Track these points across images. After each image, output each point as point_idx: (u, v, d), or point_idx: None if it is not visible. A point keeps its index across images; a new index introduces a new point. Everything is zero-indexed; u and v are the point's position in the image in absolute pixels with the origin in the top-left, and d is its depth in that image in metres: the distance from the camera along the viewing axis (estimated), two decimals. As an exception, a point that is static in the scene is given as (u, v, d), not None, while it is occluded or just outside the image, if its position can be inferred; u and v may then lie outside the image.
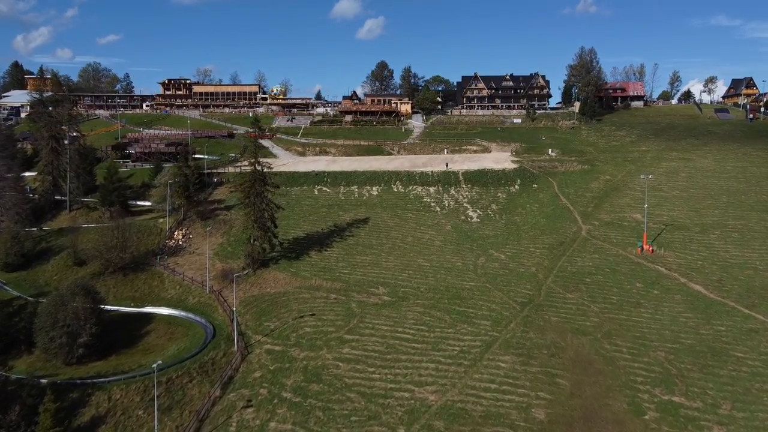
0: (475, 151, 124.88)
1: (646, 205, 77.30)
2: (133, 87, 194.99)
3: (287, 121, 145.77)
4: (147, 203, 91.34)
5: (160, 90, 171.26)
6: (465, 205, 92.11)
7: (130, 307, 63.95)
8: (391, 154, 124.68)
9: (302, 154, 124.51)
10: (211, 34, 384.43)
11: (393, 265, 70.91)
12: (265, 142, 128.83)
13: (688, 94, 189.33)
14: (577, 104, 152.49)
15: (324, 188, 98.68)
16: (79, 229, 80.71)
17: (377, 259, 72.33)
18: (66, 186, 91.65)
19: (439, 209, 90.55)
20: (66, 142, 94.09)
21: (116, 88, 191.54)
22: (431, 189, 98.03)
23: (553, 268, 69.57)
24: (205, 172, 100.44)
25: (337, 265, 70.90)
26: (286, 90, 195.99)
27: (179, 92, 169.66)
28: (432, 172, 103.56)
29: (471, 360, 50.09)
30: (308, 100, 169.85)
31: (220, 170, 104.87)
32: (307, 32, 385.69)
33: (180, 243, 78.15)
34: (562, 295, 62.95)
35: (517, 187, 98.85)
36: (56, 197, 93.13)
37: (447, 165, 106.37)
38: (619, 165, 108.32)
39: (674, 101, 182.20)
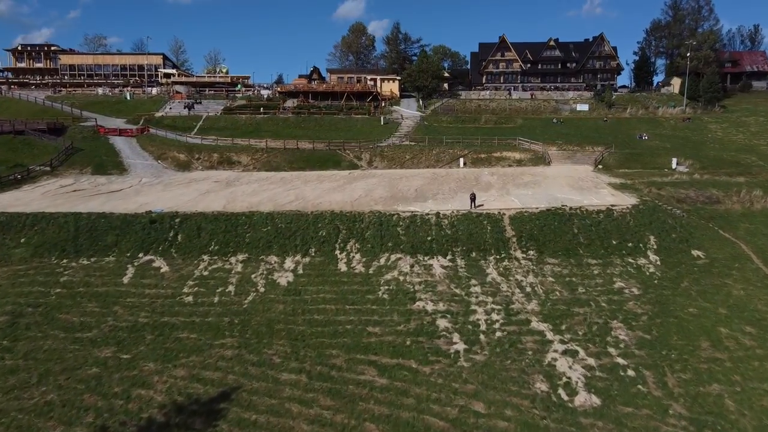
0: (520, 162, 65.30)
1: None
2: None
3: (185, 107, 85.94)
4: None
5: (10, 61, 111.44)
6: (537, 325, 31.97)
7: None
8: (355, 166, 65.20)
9: (186, 165, 64.91)
10: (213, 38, 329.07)
11: None
12: (119, 143, 69.21)
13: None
14: (677, 82, 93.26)
15: (158, 262, 38.54)
16: None
17: None
18: None
19: (462, 344, 29.87)
20: None
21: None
22: (436, 266, 38.07)
23: None
24: None
25: None
26: (225, 70, 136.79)
27: (38, 64, 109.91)
28: (438, 213, 44.07)
29: None
30: (237, 79, 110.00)
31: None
32: (306, 34, 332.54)
33: None
34: None
35: (652, 256, 39.30)
36: None
37: (473, 199, 46.27)
38: None
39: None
